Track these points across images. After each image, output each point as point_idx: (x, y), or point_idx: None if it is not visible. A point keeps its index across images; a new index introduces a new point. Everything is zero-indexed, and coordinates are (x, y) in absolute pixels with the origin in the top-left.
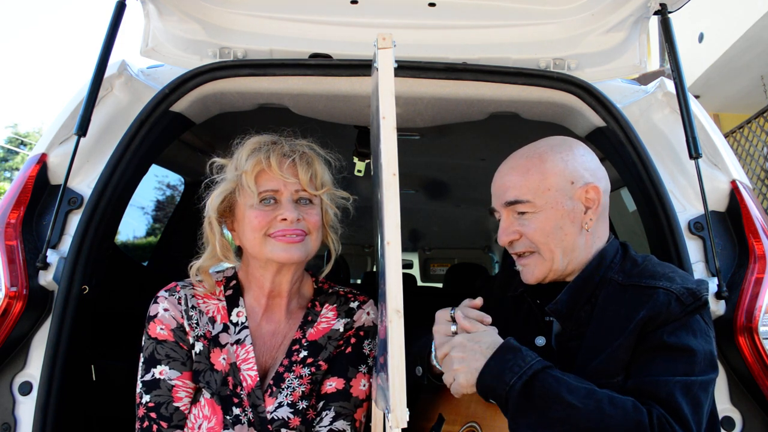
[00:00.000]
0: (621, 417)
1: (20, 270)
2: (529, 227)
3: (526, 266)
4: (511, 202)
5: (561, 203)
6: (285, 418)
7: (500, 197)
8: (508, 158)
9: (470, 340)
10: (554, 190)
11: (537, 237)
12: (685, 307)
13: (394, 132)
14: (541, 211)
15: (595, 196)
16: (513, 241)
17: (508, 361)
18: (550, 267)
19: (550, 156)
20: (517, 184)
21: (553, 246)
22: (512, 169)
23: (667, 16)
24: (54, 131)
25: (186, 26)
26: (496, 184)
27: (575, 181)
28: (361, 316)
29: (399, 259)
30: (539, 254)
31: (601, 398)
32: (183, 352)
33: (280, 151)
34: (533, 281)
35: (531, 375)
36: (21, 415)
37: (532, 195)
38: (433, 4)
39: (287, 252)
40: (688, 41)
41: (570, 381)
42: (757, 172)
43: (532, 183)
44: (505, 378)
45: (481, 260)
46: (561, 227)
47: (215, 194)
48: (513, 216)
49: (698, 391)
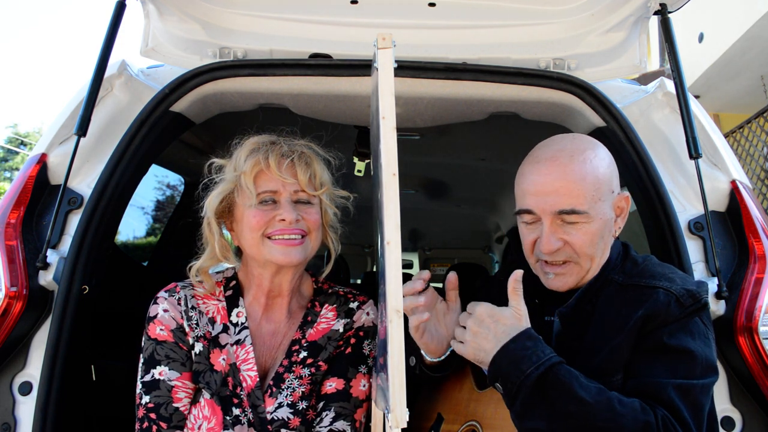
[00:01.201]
0: (631, 416)
1: (20, 270)
2: (577, 237)
3: (561, 275)
4: (567, 211)
5: (606, 213)
6: (285, 419)
7: (550, 203)
8: (544, 154)
9: (490, 316)
10: (603, 199)
11: (584, 248)
12: (685, 308)
13: (394, 132)
14: (592, 222)
15: (625, 206)
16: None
17: (528, 349)
18: (584, 276)
19: (598, 162)
20: (574, 191)
21: (594, 255)
22: (564, 172)
23: (667, 16)
24: (54, 131)
25: (186, 26)
26: (542, 185)
27: (614, 190)
28: (361, 317)
29: (399, 259)
30: (577, 264)
31: (611, 397)
32: (183, 352)
33: (278, 152)
34: (565, 289)
35: (548, 367)
36: (21, 415)
37: (588, 205)
38: (433, 4)
39: (286, 255)
40: (688, 41)
41: (581, 378)
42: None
43: (589, 192)
44: (522, 366)
45: (481, 260)
46: (602, 237)
47: (214, 195)
48: (557, 223)
49: (698, 395)
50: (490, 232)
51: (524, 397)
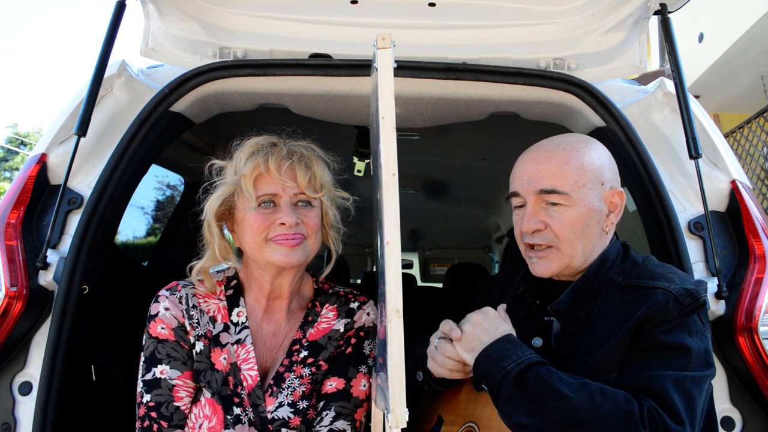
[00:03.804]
0: (612, 407)
1: (20, 270)
2: (558, 220)
3: (542, 259)
4: (548, 190)
5: (592, 201)
6: (285, 418)
7: (533, 183)
8: (537, 145)
9: (485, 321)
10: (589, 187)
11: (564, 232)
12: (683, 307)
13: (393, 132)
14: (574, 206)
15: (619, 202)
16: (536, 231)
17: (508, 350)
18: (567, 263)
19: (586, 151)
20: (556, 172)
21: (576, 243)
22: (549, 156)
23: (667, 16)
24: (54, 131)
25: (186, 26)
26: (528, 168)
27: (605, 183)
28: (362, 317)
29: (399, 259)
30: (558, 249)
31: (593, 390)
32: (184, 351)
33: (278, 154)
34: (548, 275)
35: (527, 365)
36: (21, 415)
37: (570, 188)
38: (433, 4)
39: (287, 256)
40: (688, 41)
41: (562, 375)
42: (757, 172)
43: (571, 175)
44: (503, 363)
45: (481, 260)
46: (588, 226)
47: (214, 197)
48: (541, 205)
49: (690, 386)
50: (490, 232)
51: (505, 393)
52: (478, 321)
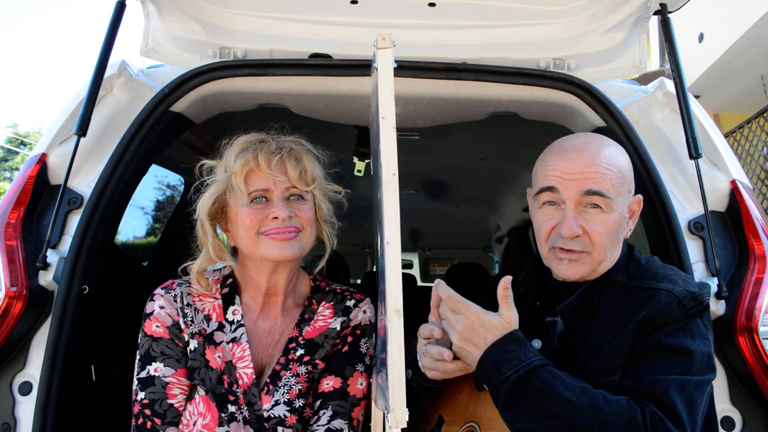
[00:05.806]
0: (615, 413)
1: (20, 270)
2: (596, 226)
3: (574, 262)
4: (594, 192)
5: (623, 209)
6: (281, 416)
7: (579, 184)
8: (575, 143)
9: (481, 325)
10: (623, 195)
11: (602, 239)
12: (687, 310)
13: (393, 132)
14: (611, 213)
15: (637, 208)
16: (576, 237)
17: (510, 352)
18: (595, 268)
19: (624, 158)
20: (602, 176)
21: (608, 250)
22: (594, 158)
23: (667, 16)
24: (54, 131)
25: (186, 26)
26: (574, 165)
27: (631, 190)
28: (358, 315)
29: (399, 259)
30: (590, 254)
31: (595, 395)
32: (178, 349)
33: (267, 150)
34: (576, 278)
35: (529, 370)
36: (21, 415)
37: (613, 194)
38: (433, 4)
39: (282, 250)
40: (688, 41)
41: (565, 378)
42: (757, 172)
43: (615, 181)
44: (502, 368)
45: (481, 260)
46: (618, 232)
47: (206, 196)
48: (579, 209)
49: (693, 391)
50: (490, 232)
51: (504, 399)
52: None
